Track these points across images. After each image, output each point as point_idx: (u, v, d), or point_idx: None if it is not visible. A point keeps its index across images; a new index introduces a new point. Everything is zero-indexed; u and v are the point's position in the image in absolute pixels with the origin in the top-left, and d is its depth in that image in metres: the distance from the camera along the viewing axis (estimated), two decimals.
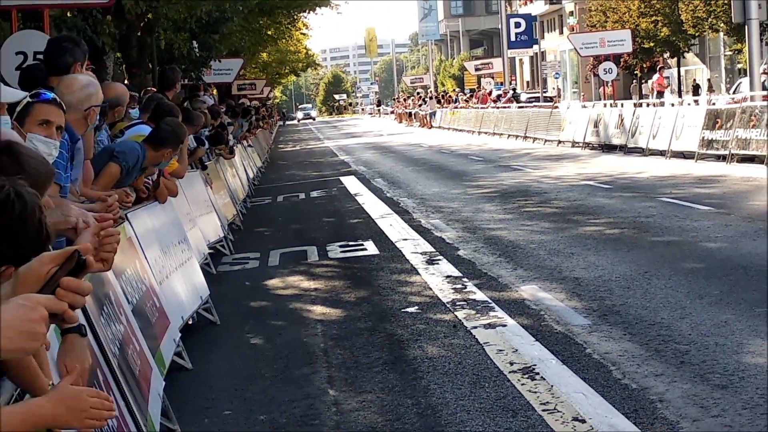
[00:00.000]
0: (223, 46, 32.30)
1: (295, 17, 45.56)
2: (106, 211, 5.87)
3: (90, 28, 16.66)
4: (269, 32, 45.41)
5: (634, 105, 31.69)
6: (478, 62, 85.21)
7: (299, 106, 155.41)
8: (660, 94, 41.44)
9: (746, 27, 28.21)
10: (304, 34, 61.95)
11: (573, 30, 65.94)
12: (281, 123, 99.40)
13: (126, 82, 18.15)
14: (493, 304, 9.37)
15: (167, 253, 8.89)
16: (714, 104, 26.48)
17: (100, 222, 3.77)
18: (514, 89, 59.39)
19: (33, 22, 13.83)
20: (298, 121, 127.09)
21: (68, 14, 16.40)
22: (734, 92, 38.68)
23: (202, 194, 13.49)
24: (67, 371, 3.54)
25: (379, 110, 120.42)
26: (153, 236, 8.50)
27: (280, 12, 39.97)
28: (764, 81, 26.22)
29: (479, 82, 74.86)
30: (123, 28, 19.61)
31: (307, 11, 44.10)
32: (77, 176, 6.53)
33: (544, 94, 61.59)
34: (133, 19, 19.58)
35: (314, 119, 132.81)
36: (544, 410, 6.21)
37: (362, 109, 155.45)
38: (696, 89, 52.68)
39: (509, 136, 41.82)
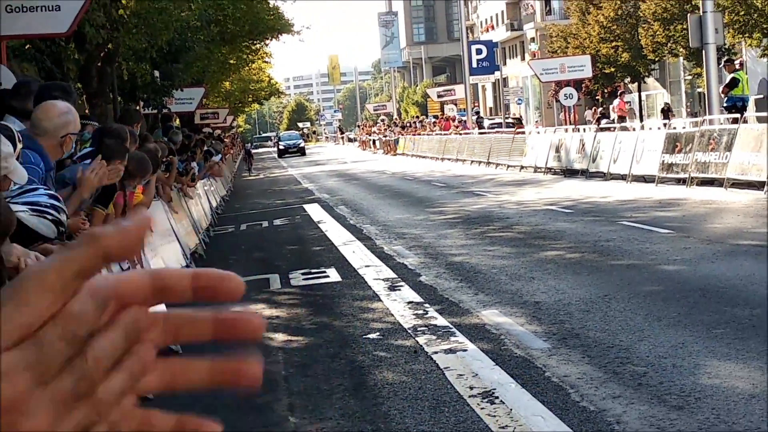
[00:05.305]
0: (185, 75, 32.32)
1: (257, 46, 45.66)
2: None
3: (50, 57, 16.65)
4: (231, 61, 45.51)
5: (595, 130, 31.95)
6: (441, 89, 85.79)
7: (277, 134, 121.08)
8: (621, 119, 41.67)
9: (704, 51, 28.58)
10: (266, 62, 62.07)
11: (534, 56, 66.43)
12: (245, 165, 59.63)
13: (86, 112, 18.11)
14: (454, 330, 9.41)
15: None
16: (674, 128, 26.76)
17: None
18: (477, 112, 59.70)
19: None
20: (280, 155, 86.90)
21: (27, 46, 16.39)
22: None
23: (164, 223, 13.47)
24: None
25: (342, 137, 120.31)
26: (114, 266, 8.48)
27: (241, 40, 40.04)
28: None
29: (442, 109, 75.25)
30: (83, 58, 19.58)
31: (269, 39, 44.20)
32: None
33: (506, 120, 61.96)
34: (93, 49, 19.54)
35: (303, 153, 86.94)
36: None
37: (326, 138, 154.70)
38: (665, 113, 53.01)
39: (472, 162, 42.05)
